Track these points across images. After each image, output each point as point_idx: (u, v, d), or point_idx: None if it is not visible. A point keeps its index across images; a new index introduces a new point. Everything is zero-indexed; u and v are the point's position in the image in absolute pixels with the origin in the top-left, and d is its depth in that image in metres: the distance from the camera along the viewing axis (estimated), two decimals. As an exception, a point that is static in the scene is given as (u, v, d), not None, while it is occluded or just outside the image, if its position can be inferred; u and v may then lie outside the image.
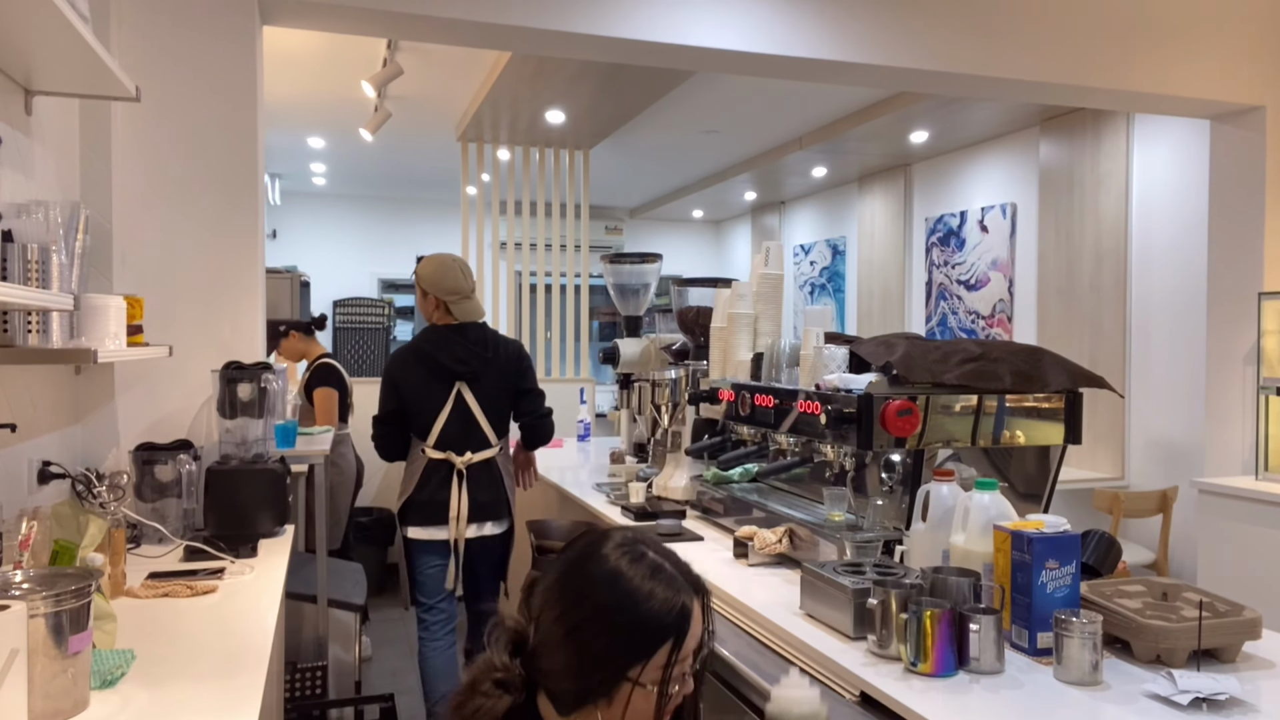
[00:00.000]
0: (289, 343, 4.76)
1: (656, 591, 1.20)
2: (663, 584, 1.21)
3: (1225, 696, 1.45)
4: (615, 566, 1.22)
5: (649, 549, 1.26)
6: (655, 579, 1.22)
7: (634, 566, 1.22)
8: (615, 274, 3.80)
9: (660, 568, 1.24)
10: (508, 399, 3.30)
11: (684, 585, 1.24)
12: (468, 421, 3.21)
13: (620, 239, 9.26)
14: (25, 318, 1.80)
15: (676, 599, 1.21)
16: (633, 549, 1.25)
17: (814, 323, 2.45)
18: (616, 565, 1.22)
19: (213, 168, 2.81)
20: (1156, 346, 4.58)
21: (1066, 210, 5.03)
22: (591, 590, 1.21)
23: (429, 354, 3.19)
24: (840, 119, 5.67)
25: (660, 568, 1.24)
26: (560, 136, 6.00)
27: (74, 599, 1.34)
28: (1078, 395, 2.19)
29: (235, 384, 2.60)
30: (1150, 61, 3.74)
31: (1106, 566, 1.95)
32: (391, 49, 4.49)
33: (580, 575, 1.23)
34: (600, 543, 1.26)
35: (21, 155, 2.14)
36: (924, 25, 3.46)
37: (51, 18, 1.66)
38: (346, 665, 3.61)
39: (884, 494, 2.20)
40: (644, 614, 1.19)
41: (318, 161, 7.32)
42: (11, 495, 2.07)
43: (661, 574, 1.23)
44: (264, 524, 2.57)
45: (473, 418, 3.21)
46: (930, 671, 1.56)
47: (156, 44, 2.74)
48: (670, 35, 3.22)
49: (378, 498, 5.91)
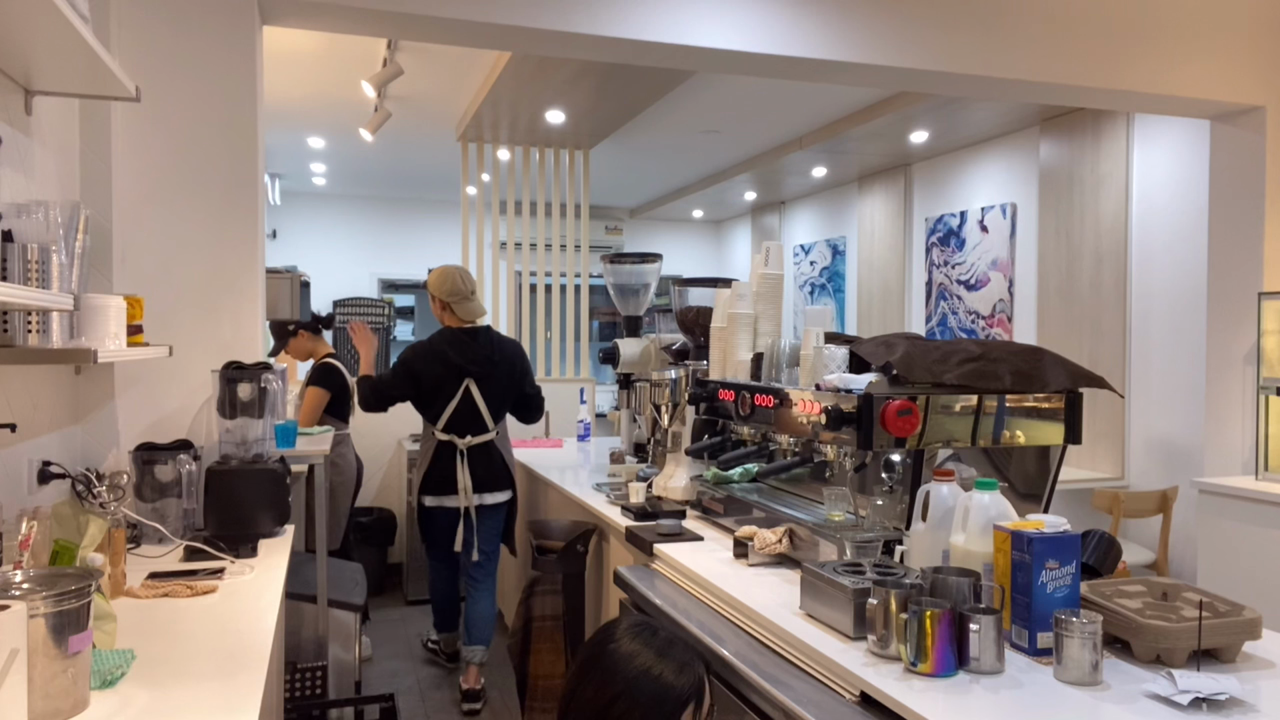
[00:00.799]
0: (297, 342, 4.77)
1: (671, 665, 1.36)
2: (675, 658, 1.37)
3: (1225, 696, 1.45)
4: (631, 649, 1.38)
5: (658, 627, 1.44)
6: (668, 655, 1.37)
7: (648, 647, 1.38)
8: (615, 274, 3.80)
9: (670, 645, 1.40)
10: (510, 396, 3.98)
11: (693, 657, 1.40)
12: (472, 411, 3.85)
13: (620, 239, 9.26)
14: (25, 318, 1.80)
15: (690, 667, 1.37)
16: (642, 631, 1.41)
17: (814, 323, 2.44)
18: (632, 648, 1.38)
19: (213, 168, 2.81)
20: (1156, 346, 4.58)
21: (1066, 210, 5.03)
22: (616, 671, 1.36)
23: (446, 354, 3.82)
24: (840, 119, 5.67)
25: (670, 645, 1.40)
26: (560, 136, 6.00)
27: (74, 599, 1.34)
28: (1078, 395, 2.19)
29: (235, 384, 2.60)
30: (1150, 61, 3.74)
31: (1106, 566, 1.95)
32: (391, 49, 4.49)
33: (603, 659, 1.38)
34: (612, 631, 1.43)
35: (21, 155, 2.14)
36: (924, 25, 3.46)
37: (51, 18, 1.66)
38: (346, 665, 3.61)
39: (884, 494, 2.20)
40: (664, 685, 1.34)
41: (318, 161, 7.32)
42: (11, 495, 2.07)
43: (672, 650, 1.39)
44: (264, 524, 2.57)
45: (476, 409, 3.85)
46: (930, 671, 1.56)
47: (156, 44, 2.74)
48: (670, 35, 3.22)
49: (378, 498, 5.91)
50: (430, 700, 3.97)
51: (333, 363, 4.71)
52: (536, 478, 4.03)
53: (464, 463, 3.81)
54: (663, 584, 2.40)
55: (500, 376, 3.87)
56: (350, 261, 8.69)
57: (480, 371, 3.82)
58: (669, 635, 1.42)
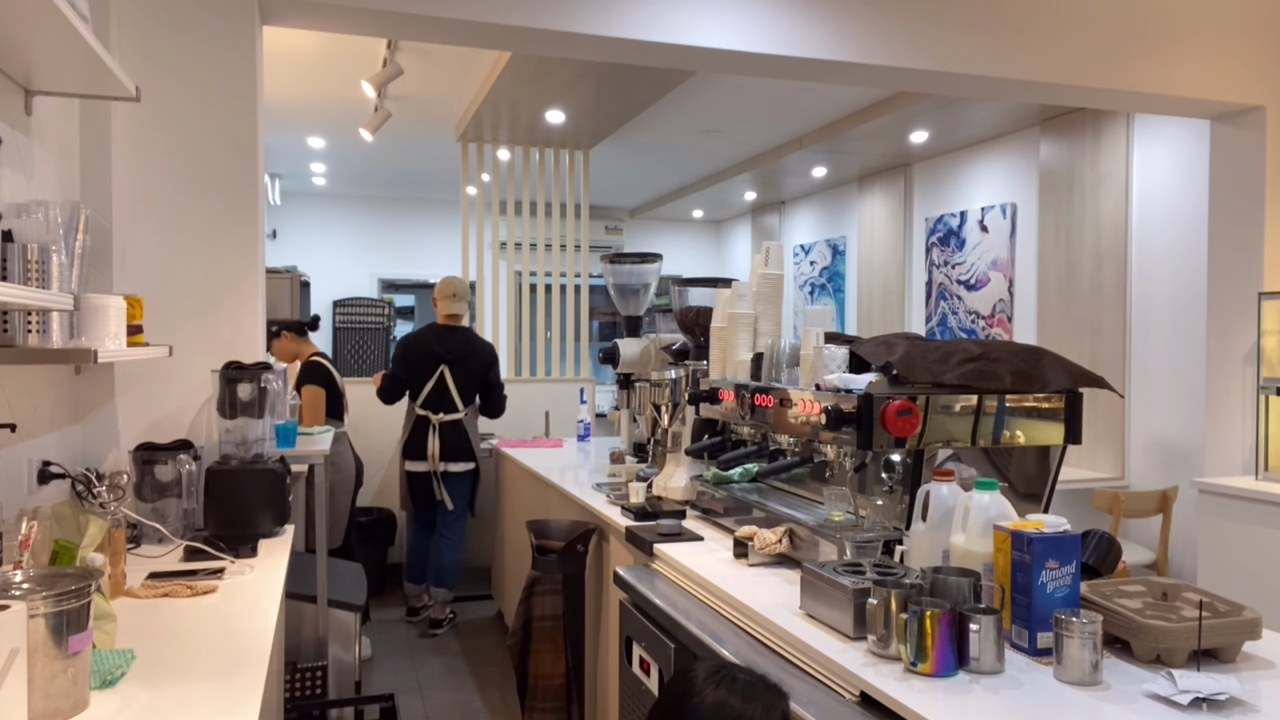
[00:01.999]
0: (280, 343, 4.75)
1: (758, 709, 1.33)
2: (758, 700, 1.34)
3: (1225, 696, 1.45)
4: (717, 699, 1.34)
5: (736, 672, 1.40)
6: (751, 699, 1.34)
7: (733, 695, 1.35)
8: (615, 274, 3.79)
9: (752, 687, 1.37)
10: (477, 385, 4.83)
11: (775, 696, 1.37)
12: (444, 392, 4.72)
13: (620, 239, 9.26)
14: (25, 318, 1.80)
15: (777, 709, 1.35)
16: (723, 678, 1.38)
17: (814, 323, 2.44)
18: (717, 697, 1.34)
19: (213, 168, 2.81)
20: (1156, 346, 4.58)
21: (1066, 210, 5.03)
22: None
23: (428, 343, 4.73)
24: (840, 119, 5.67)
25: (752, 687, 1.37)
26: (560, 136, 6.00)
27: (74, 599, 1.34)
28: (1078, 395, 2.19)
29: (235, 384, 2.60)
30: (1150, 61, 3.74)
31: (1106, 566, 1.95)
32: (391, 49, 4.49)
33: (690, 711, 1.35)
34: (690, 682, 1.39)
35: (21, 155, 2.14)
36: (924, 25, 3.46)
37: (52, 18, 1.66)
38: (346, 665, 3.61)
39: (884, 494, 2.20)
40: None
41: (318, 161, 7.32)
42: (11, 495, 2.07)
43: (755, 691, 1.36)
44: (264, 524, 2.57)
45: (448, 390, 4.72)
46: (930, 671, 1.56)
47: (156, 44, 2.74)
48: (670, 35, 3.22)
49: (378, 498, 5.91)
50: (430, 700, 3.97)
51: (321, 361, 4.70)
52: (536, 478, 4.03)
53: (435, 434, 4.67)
54: (663, 584, 2.40)
55: (470, 367, 4.75)
56: (350, 261, 8.69)
57: (453, 360, 4.69)
58: (749, 678, 1.39)
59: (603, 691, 3.11)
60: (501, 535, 5.03)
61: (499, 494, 5.17)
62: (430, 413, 4.69)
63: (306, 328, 4.86)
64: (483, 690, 4.09)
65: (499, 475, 5.16)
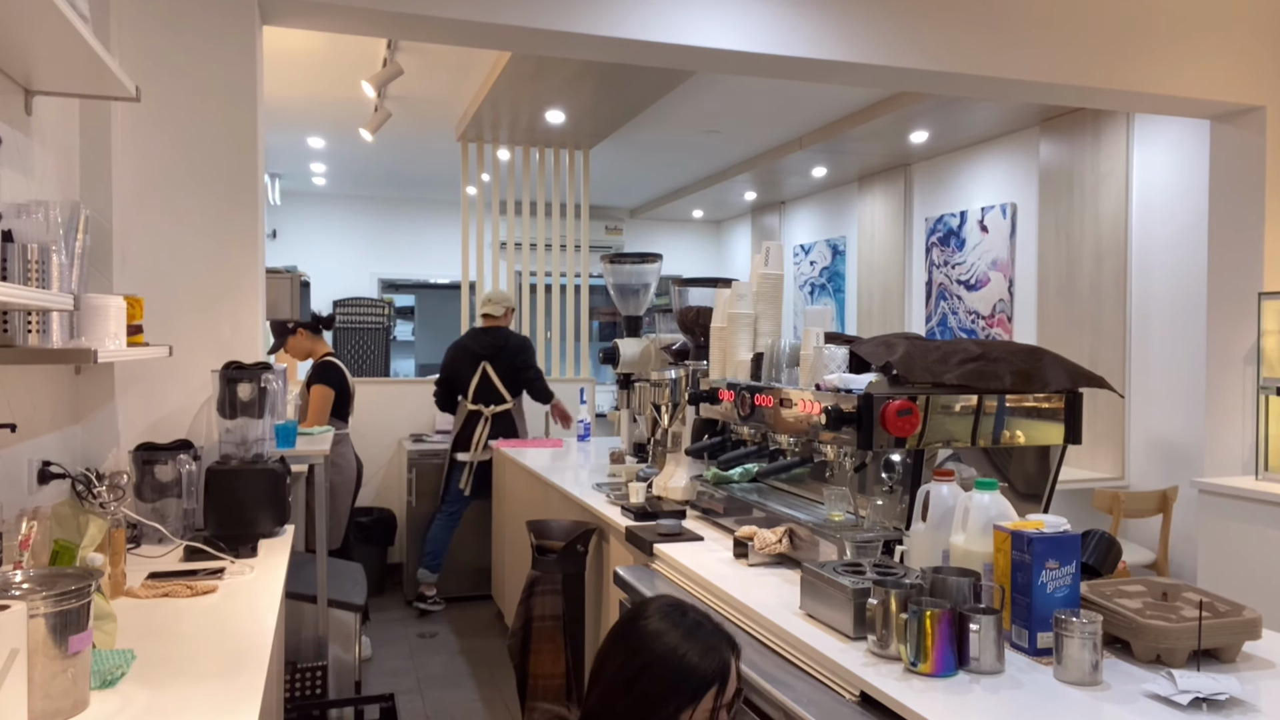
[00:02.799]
0: (296, 340, 4.76)
1: (697, 646, 1.39)
2: (702, 640, 1.40)
3: (1225, 696, 1.45)
4: (659, 627, 1.41)
5: (688, 610, 1.46)
6: (694, 637, 1.40)
7: (676, 626, 1.41)
8: (615, 274, 3.79)
9: (698, 626, 1.42)
10: (514, 373, 5.23)
11: (721, 643, 1.42)
12: (489, 385, 5.18)
13: (620, 239, 9.25)
14: (25, 318, 1.80)
15: (716, 652, 1.40)
16: (672, 611, 1.45)
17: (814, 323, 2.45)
18: (659, 626, 1.42)
19: (213, 168, 2.81)
20: (1156, 346, 4.58)
21: (1066, 210, 5.03)
22: (642, 646, 1.40)
23: (467, 344, 5.29)
24: (840, 119, 5.67)
25: (698, 626, 1.42)
26: (560, 136, 6.00)
27: (74, 599, 1.34)
28: (1078, 395, 2.19)
29: (235, 384, 2.60)
30: (1150, 61, 3.74)
31: (1106, 566, 1.95)
32: (391, 49, 4.49)
33: (632, 634, 1.43)
34: (645, 607, 1.46)
35: (21, 155, 2.14)
36: (924, 25, 3.46)
37: (52, 18, 1.66)
38: (346, 665, 3.61)
39: (884, 494, 2.20)
40: (689, 665, 1.37)
41: (318, 161, 7.32)
42: (11, 495, 2.07)
43: (700, 631, 1.41)
44: (264, 524, 2.57)
45: (492, 383, 5.18)
46: (930, 671, 1.56)
47: (156, 44, 2.74)
48: (670, 35, 3.22)
49: (378, 498, 5.91)
50: (430, 700, 3.97)
51: (334, 361, 4.71)
52: (536, 478, 4.03)
53: (485, 425, 5.12)
54: (663, 584, 2.40)
55: (506, 359, 5.19)
56: (350, 261, 8.69)
57: (490, 355, 5.17)
58: (698, 618, 1.44)
59: (603, 691, 3.10)
60: (501, 535, 5.03)
61: (499, 494, 5.17)
62: (481, 406, 5.15)
63: (321, 325, 4.87)
64: (483, 690, 4.09)
65: (499, 475, 5.16)
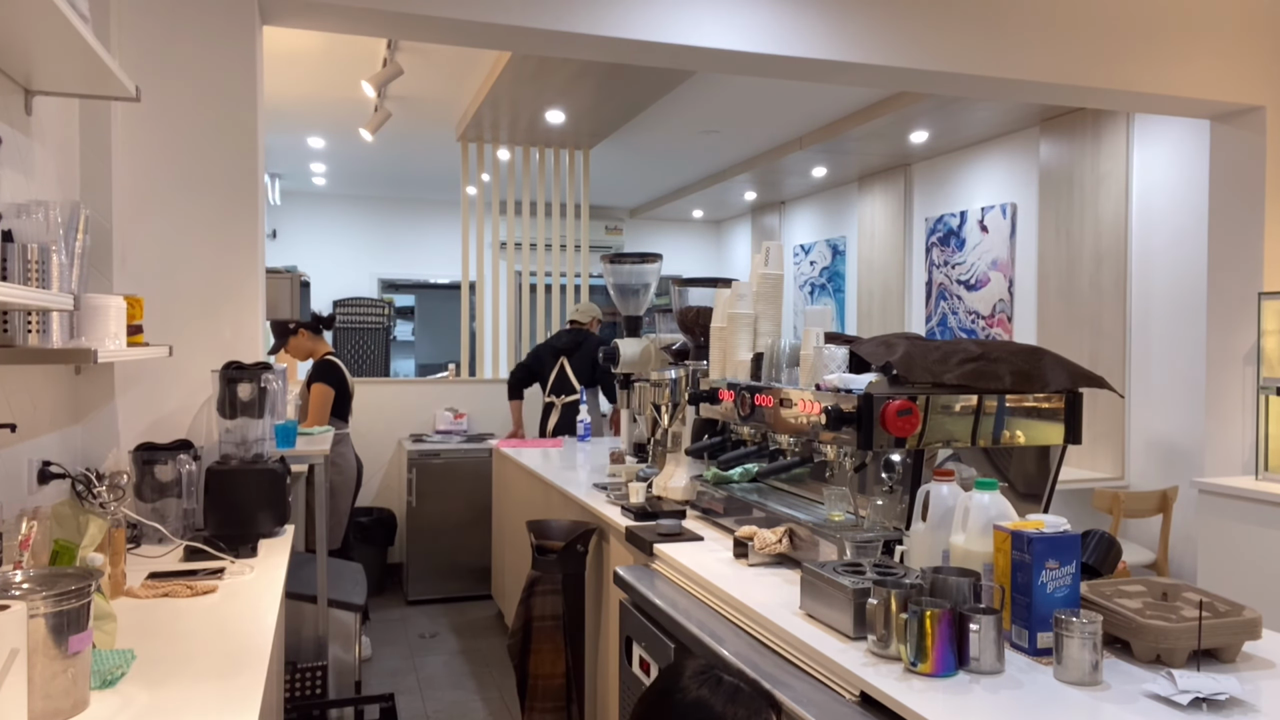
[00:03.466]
0: (297, 341, 4.77)
1: (741, 712, 1.29)
2: (743, 704, 1.31)
3: (1225, 696, 1.45)
4: (698, 697, 1.31)
5: (723, 674, 1.36)
6: (736, 701, 1.31)
7: (715, 694, 1.31)
8: (615, 274, 3.79)
9: (738, 690, 1.33)
10: (590, 370, 5.64)
11: (762, 704, 1.33)
12: (564, 379, 5.64)
13: (620, 239, 9.25)
14: (25, 318, 1.80)
15: (761, 716, 1.31)
16: (708, 677, 1.34)
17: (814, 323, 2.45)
18: (699, 695, 1.31)
19: (213, 168, 2.81)
20: (1156, 346, 4.58)
21: (1066, 210, 5.03)
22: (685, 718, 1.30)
23: (550, 342, 5.79)
24: (840, 119, 5.67)
25: (738, 690, 1.33)
26: (560, 136, 6.00)
27: (74, 599, 1.34)
28: (1078, 395, 2.19)
29: (235, 384, 2.60)
30: (1150, 61, 3.74)
31: (1106, 566, 1.95)
32: (391, 49, 4.49)
33: (670, 706, 1.33)
34: (677, 678, 1.36)
35: (21, 155, 2.14)
36: (924, 25, 3.46)
37: (52, 18, 1.66)
38: (346, 665, 3.61)
39: (884, 494, 2.20)
40: None
41: (318, 161, 7.31)
42: (11, 495, 2.07)
43: (740, 695, 1.32)
44: (264, 524, 2.57)
45: (567, 378, 5.64)
46: (930, 671, 1.56)
47: (156, 44, 2.74)
48: (670, 35, 3.22)
49: (378, 498, 5.91)
50: (430, 700, 3.97)
51: (334, 360, 4.71)
52: (536, 478, 4.03)
53: (555, 414, 5.65)
54: (663, 584, 2.40)
55: (583, 355, 5.64)
56: (350, 261, 8.69)
57: (569, 351, 5.67)
58: (736, 682, 1.36)
59: (603, 691, 3.11)
60: (501, 535, 5.03)
61: (499, 494, 5.17)
62: (554, 397, 5.64)
63: (321, 325, 4.88)
64: (483, 690, 4.09)
65: (499, 475, 5.16)
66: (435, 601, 5.44)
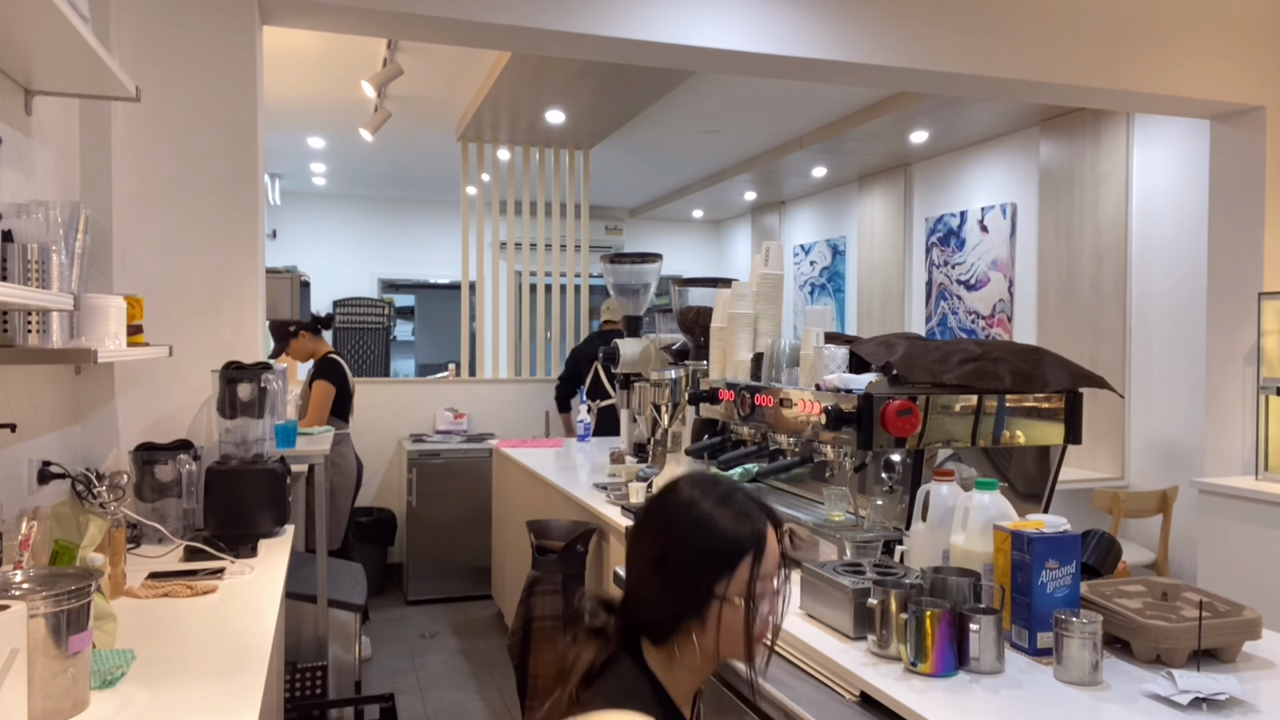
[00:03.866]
0: (299, 342, 4.78)
1: (729, 513, 1.29)
2: (735, 507, 1.30)
3: (1225, 696, 1.45)
4: (690, 496, 1.32)
5: (720, 481, 1.37)
6: (727, 504, 1.31)
7: (706, 495, 1.32)
8: (615, 274, 3.79)
9: (731, 494, 1.33)
10: None
11: (756, 511, 1.32)
12: (599, 384, 5.49)
13: (620, 239, 9.25)
14: (25, 318, 1.80)
15: (749, 519, 1.30)
16: (704, 481, 1.35)
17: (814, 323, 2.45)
18: (690, 495, 1.32)
19: (213, 168, 2.81)
20: (1156, 346, 4.58)
21: (1066, 210, 5.03)
22: (671, 519, 1.32)
23: (584, 347, 5.76)
24: (840, 119, 5.67)
25: (731, 494, 1.33)
26: (560, 136, 6.00)
27: (74, 599, 1.34)
28: (1078, 395, 2.19)
29: (235, 384, 2.60)
30: (1150, 61, 3.74)
31: (1106, 566, 1.95)
32: (391, 49, 4.49)
33: (660, 508, 1.35)
34: (675, 482, 1.37)
35: (21, 155, 2.14)
36: (924, 25, 3.46)
37: (52, 18, 1.66)
38: (346, 665, 3.61)
39: (884, 494, 2.20)
40: (721, 532, 1.28)
41: (318, 161, 7.31)
42: (11, 495, 2.07)
43: (733, 499, 1.32)
44: (264, 524, 2.57)
45: (601, 382, 5.45)
46: (930, 671, 1.56)
47: (156, 44, 2.74)
48: (670, 35, 3.22)
49: (378, 498, 5.91)
50: (430, 700, 3.97)
51: (336, 359, 4.72)
52: (536, 478, 4.03)
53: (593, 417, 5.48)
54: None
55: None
56: (350, 261, 8.68)
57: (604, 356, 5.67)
58: (732, 486, 1.35)
59: (603, 691, 3.10)
60: (501, 535, 5.03)
61: (499, 494, 5.17)
62: (590, 402, 5.58)
63: (321, 325, 4.88)
64: (483, 690, 4.09)
65: (499, 475, 5.16)
66: (435, 601, 5.44)
